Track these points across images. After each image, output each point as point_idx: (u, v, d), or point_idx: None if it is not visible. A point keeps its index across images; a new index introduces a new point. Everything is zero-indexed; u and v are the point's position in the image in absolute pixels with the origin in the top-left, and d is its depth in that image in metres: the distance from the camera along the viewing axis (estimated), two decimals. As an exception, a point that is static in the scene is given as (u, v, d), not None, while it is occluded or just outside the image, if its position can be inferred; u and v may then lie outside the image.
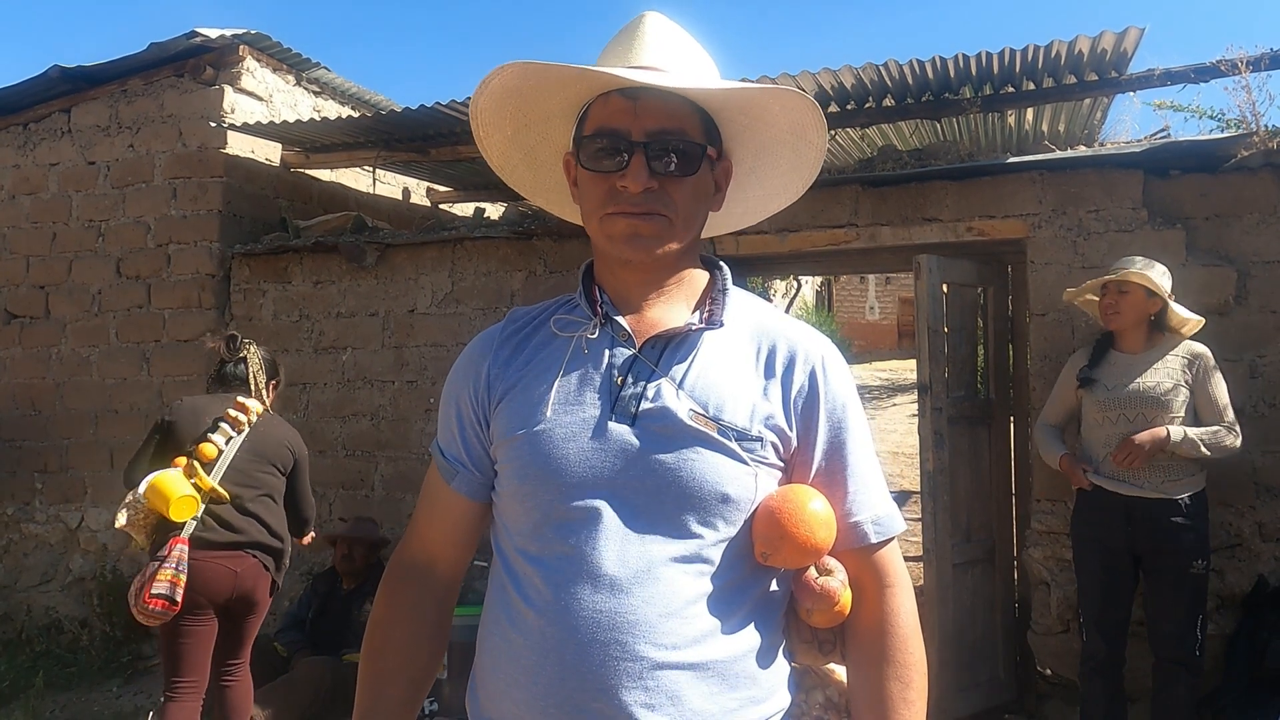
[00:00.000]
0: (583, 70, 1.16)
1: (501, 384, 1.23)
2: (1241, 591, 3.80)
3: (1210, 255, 3.94)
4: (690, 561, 1.11)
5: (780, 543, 1.13)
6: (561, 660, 1.08)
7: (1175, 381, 3.40)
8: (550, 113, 1.26)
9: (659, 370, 1.16)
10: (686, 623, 1.09)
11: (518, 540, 1.17)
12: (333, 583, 4.76)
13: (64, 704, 4.83)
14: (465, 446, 1.26)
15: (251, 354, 3.63)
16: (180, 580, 3.15)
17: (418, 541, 1.32)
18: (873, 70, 4.11)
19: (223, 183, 5.52)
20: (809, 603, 1.17)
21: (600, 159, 1.17)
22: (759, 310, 1.27)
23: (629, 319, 1.21)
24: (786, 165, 1.31)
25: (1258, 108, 3.99)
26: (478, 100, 1.24)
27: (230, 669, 3.47)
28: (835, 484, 1.19)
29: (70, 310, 5.79)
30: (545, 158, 1.33)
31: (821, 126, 1.25)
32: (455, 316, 5.15)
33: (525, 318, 1.29)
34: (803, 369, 1.20)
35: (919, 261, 4.10)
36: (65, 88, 5.77)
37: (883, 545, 1.21)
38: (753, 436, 1.14)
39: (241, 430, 3.44)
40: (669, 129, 1.15)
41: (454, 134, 5.26)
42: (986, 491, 4.47)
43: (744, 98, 1.21)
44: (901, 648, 1.18)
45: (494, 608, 1.20)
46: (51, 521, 5.75)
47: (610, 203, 1.16)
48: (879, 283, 21.24)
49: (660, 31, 1.22)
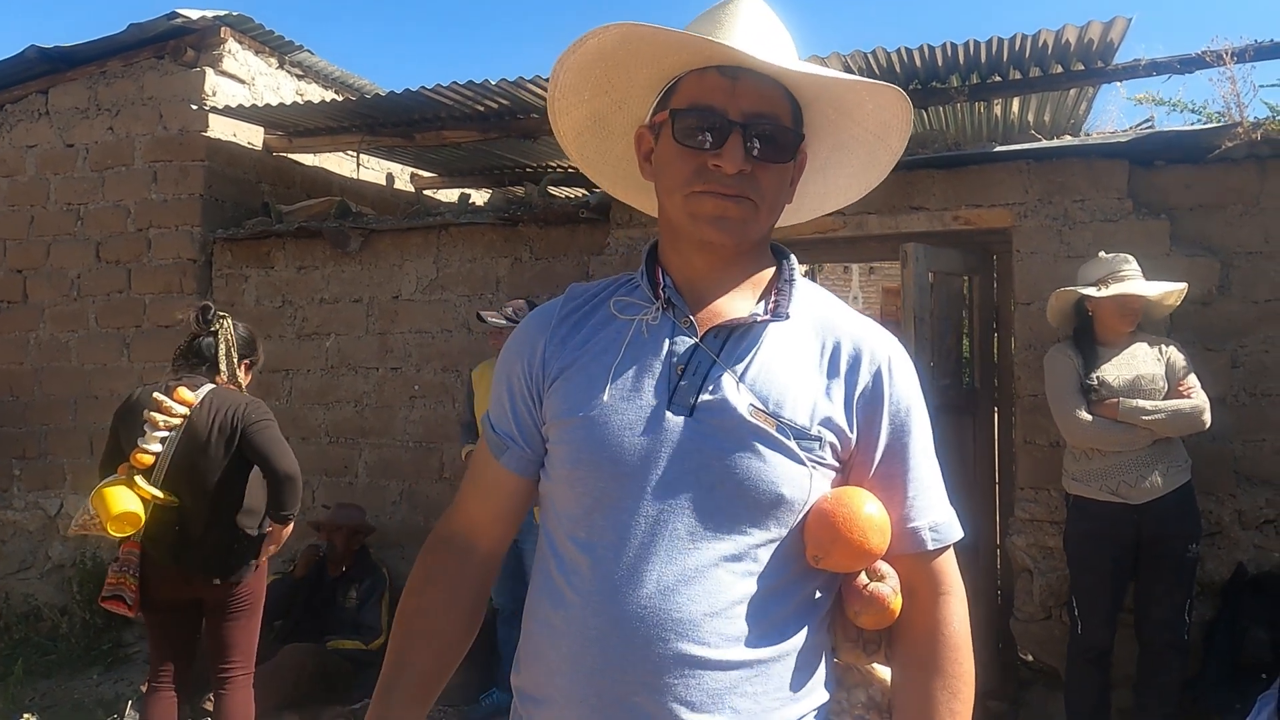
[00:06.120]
0: (701, 40, 1.11)
1: (557, 362, 1.20)
2: (1221, 579, 3.84)
3: (1194, 245, 3.96)
4: (738, 560, 1.09)
5: (832, 546, 1.10)
6: (604, 652, 1.07)
7: (1156, 370, 3.45)
8: (636, 81, 1.22)
9: (720, 362, 1.13)
10: (730, 622, 1.07)
11: (567, 525, 1.15)
12: (319, 569, 4.73)
13: (44, 691, 4.79)
14: (516, 422, 1.23)
15: (224, 329, 3.35)
16: (128, 582, 3.14)
17: (461, 514, 1.30)
18: (860, 58, 4.10)
19: (204, 166, 5.45)
20: (858, 606, 1.15)
21: (694, 135, 1.12)
22: (825, 304, 1.23)
23: (692, 305, 1.17)
24: (857, 165, 1.28)
25: (1242, 99, 4.01)
26: (566, 59, 1.18)
27: (222, 675, 3.27)
28: (894, 487, 1.16)
29: (49, 295, 5.71)
30: (616, 127, 1.28)
31: (906, 130, 1.22)
32: (440, 303, 5.12)
33: (585, 295, 1.26)
34: (868, 369, 1.16)
35: (906, 250, 4.10)
36: (43, 68, 5.69)
37: (940, 552, 1.18)
38: (812, 436, 1.11)
39: (174, 427, 3.17)
40: (765, 113, 1.13)
41: (439, 119, 5.22)
42: (970, 480, 4.49)
43: (843, 89, 1.19)
44: (952, 658, 1.16)
45: (539, 590, 1.18)
46: (30, 508, 5.69)
47: (698, 180, 1.13)
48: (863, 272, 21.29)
49: (756, 12, 1.18)
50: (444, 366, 5.08)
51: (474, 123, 5.23)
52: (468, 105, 5.02)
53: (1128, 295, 3.44)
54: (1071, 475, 3.54)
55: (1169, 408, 3.36)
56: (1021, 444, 4.16)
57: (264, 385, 3.89)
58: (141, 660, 4.98)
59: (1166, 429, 3.36)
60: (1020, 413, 4.19)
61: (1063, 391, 3.49)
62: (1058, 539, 3.83)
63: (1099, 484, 3.43)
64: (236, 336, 3.41)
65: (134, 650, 5.20)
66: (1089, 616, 3.50)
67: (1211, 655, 3.70)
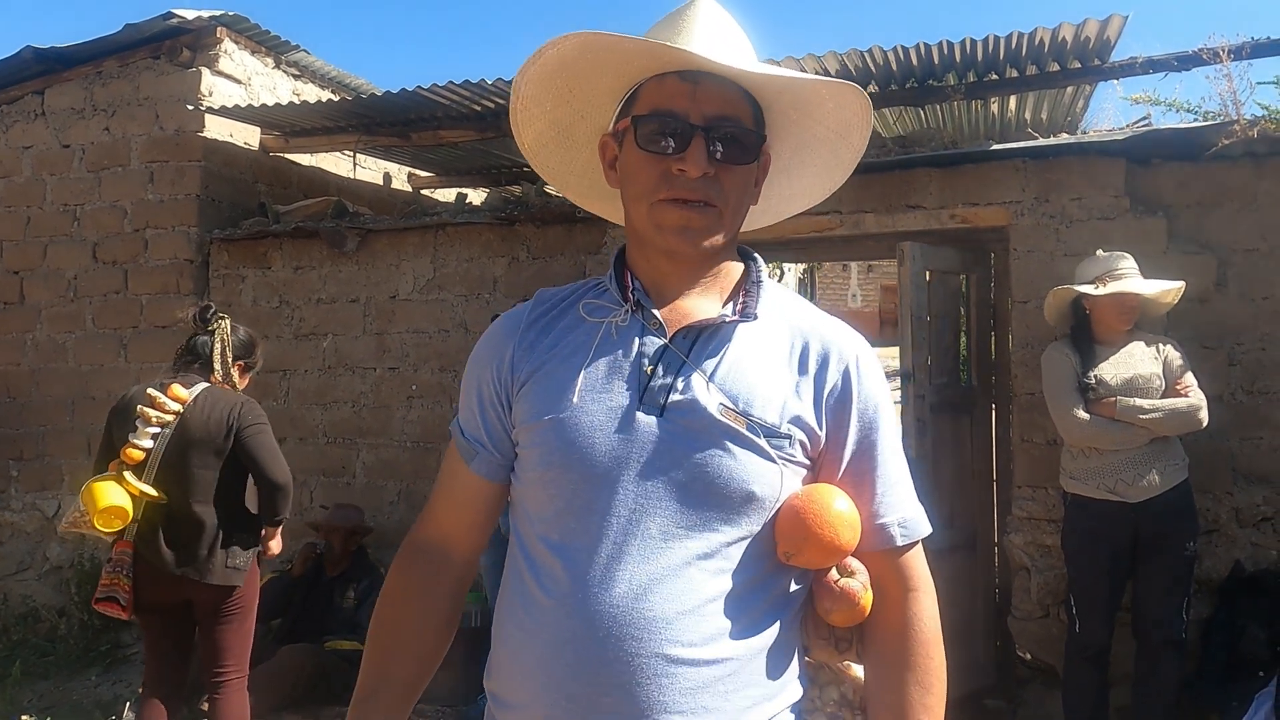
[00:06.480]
0: (659, 45, 1.12)
1: (527, 366, 1.20)
2: (1219, 577, 3.84)
3: (1191, 243, 3.96)
4: (711, 558, 1.09)
5: (804, 543, 1.11)
6: (577, 653, 1.07)
7: (1153, 369, 3.45)
8: (597, 89, 1.22)
9: (690, 362, 1.14)
10: (703, 620, 1.08)
11: (539, 526, 1.15)
12: (317, 569, 4.73)
13: (42, 693, 4.79)
14: (486, 427, 1.24)
15: (220, 329, 3.35)
16: (122, 582, 3.12)
17: (433, 522, 1.30)
18: (857, 56, 4.09)
19: (200, 167, 5.45)
20: (829, 603, 1.15)
21: (656, 140, 1.13)
22: (793, 304, 1.24)
23: (661, 307, 1.18)
24: (821, 164, 1.29)
25: (1239, 97, 4.01)
26: (527, 70, 1.19)
27: (215, 679, 3.26)
28: (863, 484, 1.17)
29: (46, 296, 5.71)
30: (580, 136, 1.29)
31: (867, 128, 1.23)
32: (437, 303, 5.12)
33: (553, 299, 1.26)
34: (837, 368, 1.17)
35: (903, 248, 4.10)
36: (38, 69, 5.68)
37: (908, 548, 1.19)
38: (782, 434, 1.12)
39: (166, 423, 3.17)
40: (727, 115, 1.14)
41: (435, 119, 5.22)
42: (968, 478, 4.49)
43: (803, 89, 1.20)
44: (923, 653, 1.17)
45: (511, 593, 1.18)
46: (28, 509, 5.69)
47: (664, 187, 1.13)
48: (861, 270, 21.32)
49: (713, 17, 1.19)
50: (441, 366, 5.08)
51: (471, 122, 5.22)
52: (464, 105, 5.02)
53: (1126, 294, 3.44)
54: (1069, 473, 3.54)
55: (1166, 406, 3.36)
56: (1019, 442, 4.16)
57: (261, 385, 3.89)
58: (139, 661, 4.97)
59: (1164, 427, 3.36)
60: (1018, 411, 4.19)
61: (1060, 390, 3.49)
62: (1055, 537, 3.84)
63: (1096, 482, 3.43)
64: (234, 337, 3.41)
65: (132, 651, 5.19)
66: (1087, 615, 3.50)
67: (1209, 653, 3.71)
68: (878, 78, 4.34)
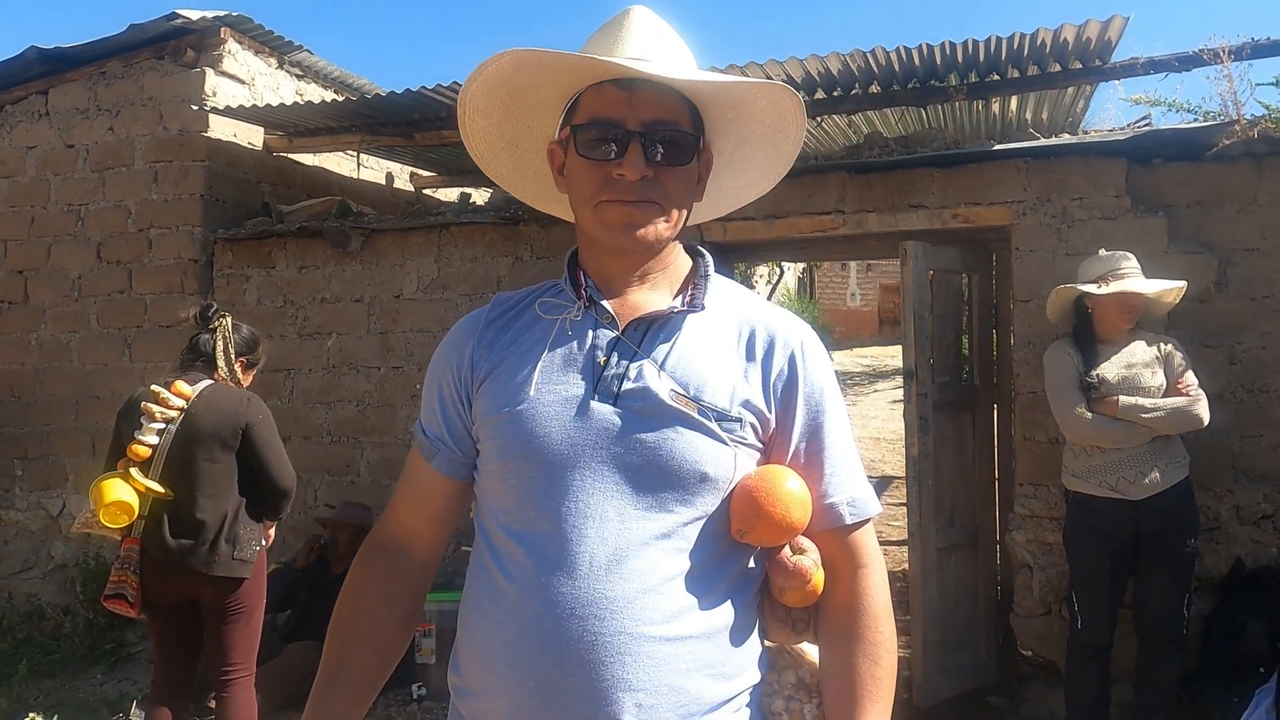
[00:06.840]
0: (587, 59, 1.17)
1: (485, 364, 1.24)
2: (1219, 574, 3.87)
3: (1191, 243, 3.99)
4: (668, 538, 1.13)
5: (756, 520, 1.15)
6: (540, 635, 1.10)
7: (1155, 368, 3.48)
8: (539, 101, 1.28)
9: (641, 351, 1.18)
10: (664, 599, 1.11)
11: (500, 517, 1.19)
12: (321, 566, 4.75)
13: (48, 691, 4.81)
14: (447, 425, 1.28)
15: (222, 327, 3.38)
16: (130, 580, 3.14)
17: (394, 520, 1.34)
18: (860, 57, 4.11)
19: (204, 167, 5.46)
20: (782, 580, 1.20)
21: (596, 147, 1.18)
22: (740, 296, 1.29)
23: (613, 303, 1.23)
24: (763, 158, 1.35)
25: (1239, 97, 4.04)
26: (469, 88, 1.25)
27: (223, 678, 3.28)
28: (812, 466, 1.22)
29: (50, 295, 5.72)
30: (527, 146, 1.35)
31: (802, 121, 1.29)
32: (441, 302, 5.14)
33: (510, 301, 1.31)
34: (782, 353, 1.22)
35: (905, 248, 4.12)
36: (42, 69, 5.69)
37: (858, 527, 1.23)
38: (732, 417, 1.17)
39: (171, 419, 3.20)
40: (664, 119, 1.18)
41: (439, 118, 5.23)
42: (970, 476, 4.52)
43: (735, 91, 1.25)
44: (872, 625, 1.21)
45: (475, 584, 1.21)
46: (33, 508, 5.70)
47: (605, 190, 1.18)
48: (860, 270, 21.31)
49: (647, 25, 1.24)
50: (445, 365, 5.08)
51: (474, 122, 5.23)
52: (468, 105, 5.02)
53: (1128, 293, 3.46)
54: (1071, 471, 3.57)
55: (1168, 405, 3.39)
56: (1021, 440, 4.19)
57: (266, 384, 3.91)
58: (145, 660, 5.00)
59: (1165, 426, 3.39)
60: (1019, 409, 4.22)
61: (1062, 389, 3.51)
62: (1057, 535, 3.86)
63: (1098, 480, 3.45)
64: (236, 335, 3.44)
65: (137, 650, 5.22)
66: (1088, 612, 3.53)
67: (1209, 650, 3.73)
68: (880, 78, 4.36)
